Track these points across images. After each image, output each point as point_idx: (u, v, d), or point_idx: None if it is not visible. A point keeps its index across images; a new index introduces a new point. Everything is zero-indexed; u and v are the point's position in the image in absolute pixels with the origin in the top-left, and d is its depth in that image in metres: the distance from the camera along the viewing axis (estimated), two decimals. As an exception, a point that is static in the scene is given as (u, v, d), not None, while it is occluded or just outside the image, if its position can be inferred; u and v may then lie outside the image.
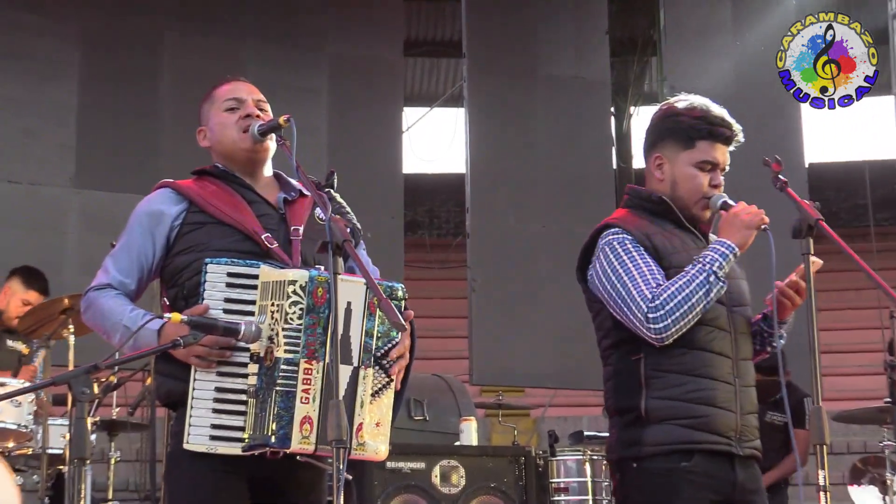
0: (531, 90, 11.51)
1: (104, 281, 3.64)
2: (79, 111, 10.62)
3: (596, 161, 11.61)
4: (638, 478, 3.86)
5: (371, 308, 3.39)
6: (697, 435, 3.79)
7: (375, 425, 3.42)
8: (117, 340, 3.53)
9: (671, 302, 3.73)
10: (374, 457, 3.43)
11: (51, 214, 10.42)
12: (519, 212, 11.17)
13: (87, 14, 10.83)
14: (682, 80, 11.25)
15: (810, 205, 3.71)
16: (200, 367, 3.36)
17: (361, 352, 3.38)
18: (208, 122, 3.83)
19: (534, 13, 11.70)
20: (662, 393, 3.82)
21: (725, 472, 3.83)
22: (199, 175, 3.78)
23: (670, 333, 3.75)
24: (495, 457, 7.35)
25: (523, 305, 10.92)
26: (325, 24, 11.68)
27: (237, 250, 3.49)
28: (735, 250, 3.81)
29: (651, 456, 3.82)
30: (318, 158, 10.76)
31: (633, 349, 3.88)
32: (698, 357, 3.82)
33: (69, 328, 7.15)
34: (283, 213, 3.69)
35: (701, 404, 3.79)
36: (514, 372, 10.97)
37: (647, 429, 3.82)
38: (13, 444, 7.12)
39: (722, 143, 3.98)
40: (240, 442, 3.33)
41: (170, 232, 3.63)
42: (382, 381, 3.44)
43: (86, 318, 3.67)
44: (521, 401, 12.82)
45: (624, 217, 4.04)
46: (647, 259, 3.85)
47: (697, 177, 3.96)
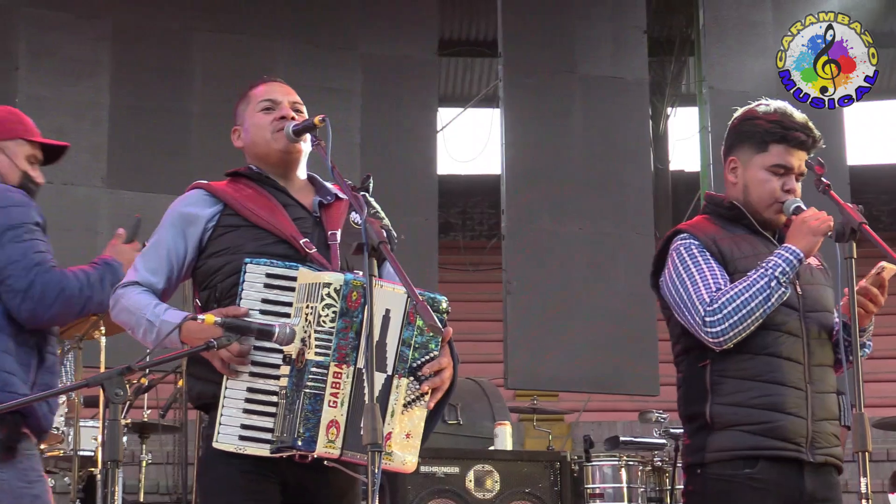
0: (567, 90, 11.42)
1: (132, 279, 3.62)
2: (110, 111, 10.61)
3: (633, 162, 11.52)
4: (701, 484, 3.87)
5: (410, 317, 3.36)
6: (762, 441, 3.75)
7: (405, 436, 3.37)
8: (141, 335, 3.54)
9: (729, 306, 3.73)
10: (401, 468, 3.38)
11: (83, 214, 10.42)
12: (555, 213, 11.09)
13: (118, 13, 10.83)
14: (722, 81, 11.17)
15: (853, 208, 3.68)
16: (222, 371, 3.34)
17: (396, 360, 3.35)
18: (243, 123, 3.80)
19: (570, 11, 11.63)
20: (727, 399, 3.80)
21: (793, 479, 3.77)
22: (232, 177, 3.76)
23: (728, 337, 3.74)
24: (530, 462, 7.30)
25: (559, 308, 10.84)
26: (359, 23, 11.63)
27: (272, 253, 3.45)
28: (800, 256, 3.77)
29: (715, 462, 3.81)
30: (352, 159, 10.73)
31: (701, 355, 3.87)
32: (765, 362, 3.78)
33: (100, 329, 7.12)
34: (317, 216, 3.66)
35: (767, 410, 3.75)
36: (549, 376, 10.90)
37: (713, 435, 3.82)
38: (45, 446, 7.11)
39: (798, 147, 3.92)
40: (268, 443, 3.30)
41: (203, 233, 3.61)
42: (416, 393, 3.39)
43: (113, 314, 3.65)
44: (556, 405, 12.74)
45: (696, 223, 4.03)
46: (712, 264, 3.85)
47: (770, 181, 3.92)
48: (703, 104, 11.83)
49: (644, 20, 11.80)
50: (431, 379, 3.40)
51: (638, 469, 7.57)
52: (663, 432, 7.66)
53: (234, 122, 3.84)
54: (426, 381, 3.39)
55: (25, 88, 10.48)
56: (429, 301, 3.33)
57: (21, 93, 10.45)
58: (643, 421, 8.15)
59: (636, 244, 11.07)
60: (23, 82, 10.49)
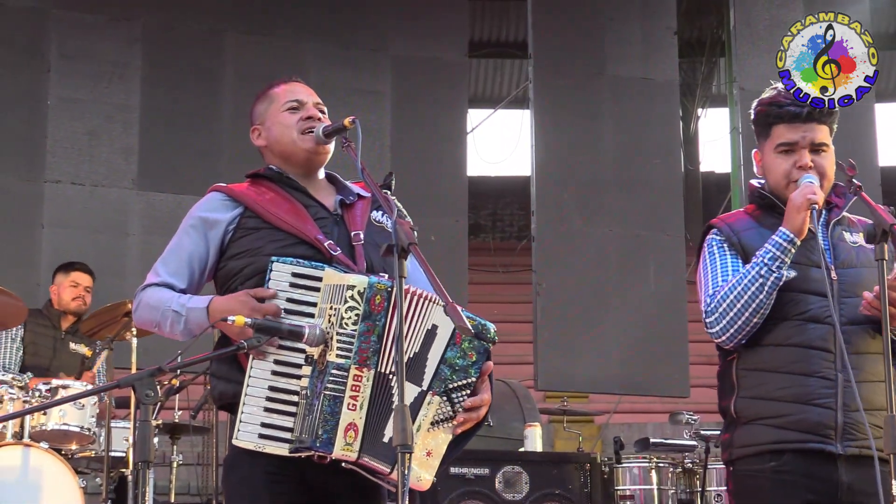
0: (598, 91, 11.37)
1: (152, 281, 3.63)
2: (141, 113, 10.64)
3: (663, 163, 11.46)
4: (732, 480, 3.85)
5: (457, 338, 3.33)
6: (786, 434, 3.69)
7: (426, 454, 3.35)
8: (169, 328, 3.53)
9: (723, 303, 3.72)
10: (415, 484, 3.34)
11: (114, 216, 10.45)
12: (585, 215, 11.05)
13: (149, 15, 10.85)
14: (752, 81, 11.10)
15: (885, 210, 3.63)
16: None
17: (434, 378, 3.33)
18: (265, 122, 3.79)
19: (600, 13, 11.58)
20: (751, 392, 3.77)
21: (826, 472, 3.66)
22: (252, 178, 3.75)
23: (730, 334, 3.73)
24: (560, 463, 7.31)
25: (589, 310, 10.80)
26: (389, 24, 11.62)
27: (294, 255, 3.44)
28: (788, 236, 3.71)
29: (742, 457, 3.77)
30: (382, 161, 10.72)
31: (730, 350, 3.84)
32: (788, 353, 3.72)
33: (131, 330, 7.18)
34: (339, 215, 3.65)
35: (789, 402, 3.69)
36: (578, 378, 10.86)
37: (738, 430, 3.79)
38: (76, 447, 7.17)
39: (797, 121, 3.87)
40: (288, 443, 3.29)
41: (224, 236, 3.60)
42: (446, 414, 3.36)
43: (137, 316, 3.66)
44: (586, 407, 12.72)
45: (728, 216, 4.00)
46: (726, 260, 3.82)
47: (780, 163, 3.88)
48: (733, 105, 11.79)
49: (674, 21, 11.75)
50: (468, 413, 3.37)
51: (668, 471, 7.56)
52: (694, 434, 7.64)
53: (252, 121, 3.84)
54: (462, 412, 3.36)
55: (57, 91, 10.52)
56: (478, 327, 3.32)
57: (52, 95, 10.50)
58: (673, 422, 8.13)
59: (666, 245, 11.04)
60: (54, 85, 10.53)
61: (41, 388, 6.87)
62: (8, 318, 7.14)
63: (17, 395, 6.66)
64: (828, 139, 3.89)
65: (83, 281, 8.07)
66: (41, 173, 10.37)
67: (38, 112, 10.46)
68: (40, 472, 6.43)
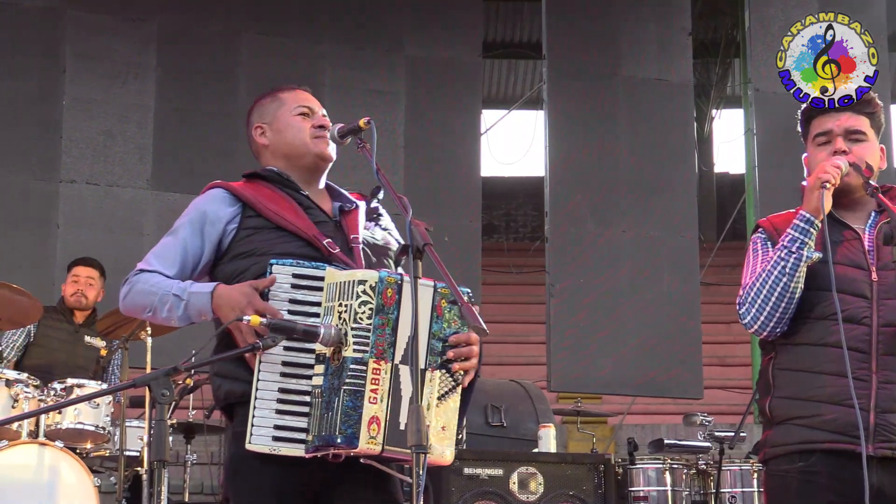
0: (612, 92, 11.38)
1: (141, 268, 3.60)
2: (156, 113, 10.67)
3: (678, 165, 11.46)
4: (765, 480, 3.85)
5: (438, 310, 3.34)
6: (815, 434, 3.66)
7: (441, 429, 3.35)
8: (166, 312, 3.49)
9: (751, 291, 3.72)
10: (440, 461, 3.35)
11: (128, 216, 10.49)
12: (599, 216, 11.06)
13: (164, 16, 10.89)
14: (767, 83, 11.10)
15: None
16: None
17: (428, 354, 3.32)
18: (273, 122, 3.81)
19: (615, 14, 11.59)
20: (783, 392, 3.76)
21: (855, 473, 3.56)
22: (249, 178, 3.75)
23: (762, 322, 3.70)
24: (574, 464, 7.28)
25: (602, 311, 10.80)
26: (403, 25, 11.64)
27: (297, 255, 3.44)
28: (804, 216, 3.69)
29: (774, 458, 3.76)
30: (396, 161, 10.73)
31: (769, 349, 3.84)
32: (819, 353, 3.68)
33: (147, 330, 7.18)
34: (338, 221, 3.65)
35: (819, 402, 3.66)
36: (592, 379, 10.87)
37: (773, 430, 3.78)
38: (91, 446, 7.19)
39: (833, 110, 3.86)
40: (302, 443, 3.28)
41: (223, 234, 3.60)
42: (449, 385, 3.36)
43: (127, 301, 3.60)
44: (600, 408, 12.70)
45: (776, 215, 3.95)
46: (768, 257, 3.77)
47: (818, 154, 3.84)
48: (748, 106, 11.77)
49: (689, 22, 11.76)
50: (457, 350, 3.34)
51: (682, 472, 7.54)
52: (708, 435, 7.62)
53: (254, 119, 3.86)
54: (455, 360, 3.34)
55: (72, 91, 10.57)
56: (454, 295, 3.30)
57: (68, 95, 10.55)
58: (687, 424, 8.11)
59: (680, 247, 11.04)
60: (69, 85, 10.57)
61: (56, 387, 6.89)
62: (23, 317, 7.18)
63: (33, 395, 6.68)
64: (866, 128, 3.85)
65: (83, 274, 8.05)
66: (56, 173, 10.42)
67: (53, 112, 10.51)
68: (55, 471, 6.44)
